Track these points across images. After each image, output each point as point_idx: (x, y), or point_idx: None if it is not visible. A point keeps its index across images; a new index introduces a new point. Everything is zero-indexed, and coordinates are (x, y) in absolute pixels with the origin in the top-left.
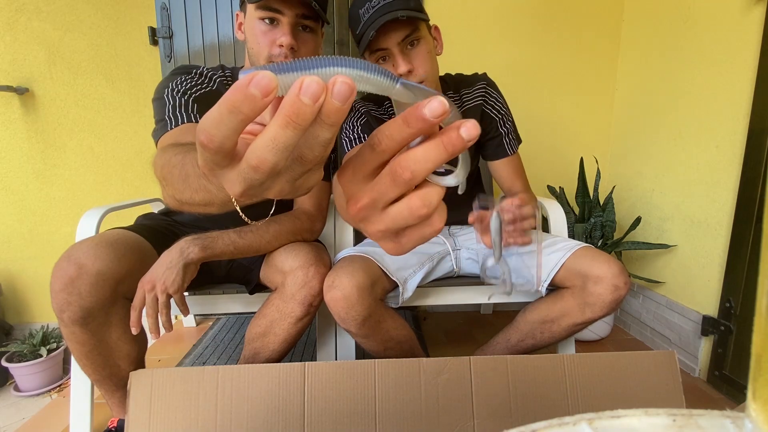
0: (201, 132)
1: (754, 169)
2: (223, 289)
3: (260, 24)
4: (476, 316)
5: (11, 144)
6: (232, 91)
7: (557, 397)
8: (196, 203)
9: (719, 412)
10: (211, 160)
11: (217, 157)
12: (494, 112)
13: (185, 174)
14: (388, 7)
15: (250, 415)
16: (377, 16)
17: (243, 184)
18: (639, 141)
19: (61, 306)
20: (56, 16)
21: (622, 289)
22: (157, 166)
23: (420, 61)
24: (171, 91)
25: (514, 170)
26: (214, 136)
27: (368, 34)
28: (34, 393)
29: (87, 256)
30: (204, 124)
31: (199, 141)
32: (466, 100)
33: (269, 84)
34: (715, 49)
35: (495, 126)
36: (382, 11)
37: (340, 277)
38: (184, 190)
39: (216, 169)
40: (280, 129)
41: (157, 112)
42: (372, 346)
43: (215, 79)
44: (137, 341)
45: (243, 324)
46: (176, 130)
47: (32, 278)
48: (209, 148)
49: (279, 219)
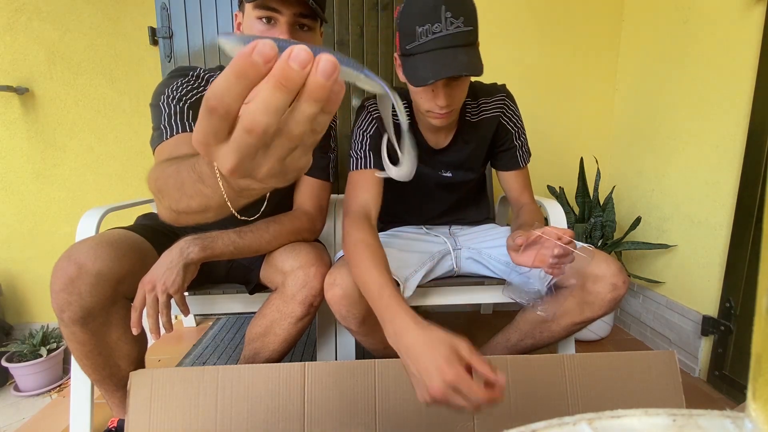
0: (211, 98)
1: (754, 169)
2: (223, 289)
3: (258, 23)
4: (476, 316)
5: (11, 144)
6: (238, 58)
7: (557, 397)
8: (193, 210)
9: (719, 412)
10: (215, 126)
11: (222, 123)
12: (511, 124)
13: (180, 182)
14: (450, 40)
15: (250, 415)
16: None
17: (236, 154)
18: (639, 141)
19: (62, 306)
20: (56, 16)
21: (621, 288)
22: (151, 180)
23: (459, 96)
24: (167, 98)
25: (523, 182)
26: (223, 99)
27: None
28: (34, 393)
29: (87, 256)
30: (214, 90)
31: (209, 106)
32: (484, 109)
33: (270, 52)
34: (715, 50)
35: (510, 138)
36: (443, 43)
37: (341, 275)
38: (180, 199)
39: (212, 143)
40: (271, 91)
41: (154, 119)
42: (372, 345)
43: (212, 81)
44: (137, 341)
45: (243, 324)
46: (172, 141)
47: (32, 278)
48: (218, 112)
49: (279, 219)
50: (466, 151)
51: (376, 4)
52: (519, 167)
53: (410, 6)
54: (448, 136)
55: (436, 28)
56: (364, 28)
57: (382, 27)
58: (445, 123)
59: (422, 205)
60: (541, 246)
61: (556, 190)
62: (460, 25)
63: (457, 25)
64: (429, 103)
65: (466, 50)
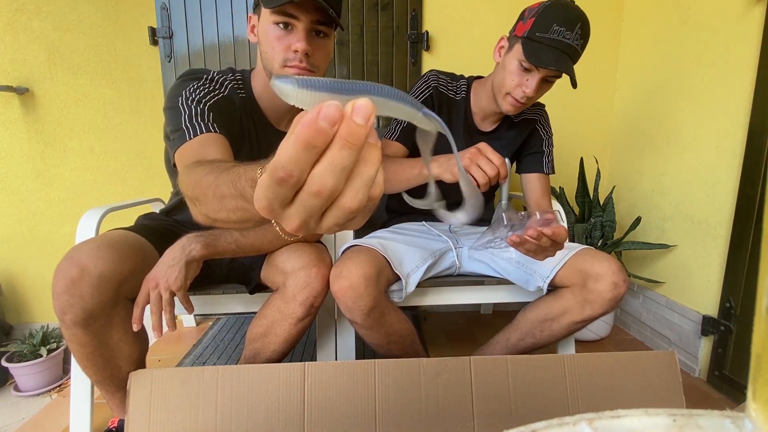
0: (279, 169)
1: (754, 169)
2: (223, 289)
3: (275, 28)
4: (476, 316)
5: (11, 144)
6: (303, 128)
7: (557, 397)
8: (233, 221)
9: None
10: (283, 195)
11: (291, 192)
12: (543, 132)
13: (220, 195)
14: (570, 49)
15: (250, 415)
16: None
17: (301, 215)
18: (639, 141)
19: (63, 308)
20: (56, 16)
21: (622, 286)
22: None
23: (540, 94)
24: (186, 99)
25: (543, 188)
26: (292, 171)
27: (546, 60)
28: (34, 393)
29: (89, 257)
30: (281, 161)
31: (278, 177)
32: (526, 113)
33: (335, 114)
34: (715, 50)
35: (541, 143)
36: (566, 48)
37: (348, 267)
38: (219, 210)
39: (278, 209)
40: (337, 151)
41: (172, 121)
42: (375, 339)
43: (226, 84)
44: (138, 342)
45: (243, 324)
46: (195, 142)
47: (32, 278)
48: (288, 183)
49: None
50: (502, 141)
51: (376, 4)
52: (543, 172)
53: (557, 7)
54: (493, 124)
55: (568, 36)
56: (364, 28)
57: (382, 27)
58: (514, 112)
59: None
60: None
61: (556, 190)
62: (580, 44)
63: (579, 43)
64: (515, 88)
65: (571, 63)
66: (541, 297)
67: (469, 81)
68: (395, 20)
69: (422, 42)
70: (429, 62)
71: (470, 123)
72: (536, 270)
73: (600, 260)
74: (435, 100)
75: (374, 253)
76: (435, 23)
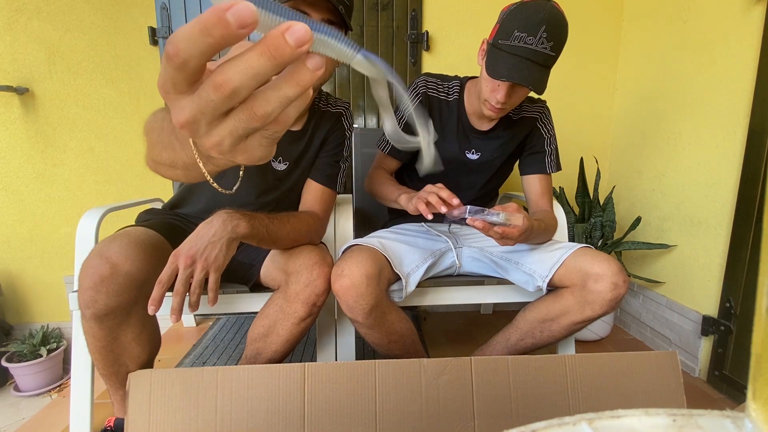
0: (169, 43)
1: (754, 169)
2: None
3: None
4: (476, 316)
5: (11, 144)
6: (208, 11)
7: (557, 397)
8: (163, 162)
9: (719, 412)
10: (171, 77)
11: (177, 75)
12: (545, 130)
13: (161, 127)
14: (533, 55)
15: (250, 415)
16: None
17: (193, 108)
18: (639, 141)
19: (87, 302)
20: (56, 16)
21: (622, 287)
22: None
23: (515, 101)
24: None
25: (544, 188)
26: (180, 50)
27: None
28: (34, 393)
29: (119, 256)
30: (175, 36)
31: (166, 52)
32: (525, 111)
33: (248, 17)
34: (715, 49)
35: (542, 143)
36: (527, 54)
37: (349, 265)
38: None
39: (171, 91)
40: (256, 55)
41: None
42: (376, 339)
43: None
44: (150, 344)
45: (243, 324)
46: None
47: (32, 278)
48: (173, 62)
49: (296, 214)
50: (499, 140)
51: (376, 4)
52: (545, 172)
53: (520, 11)
54: (490, 123)
55: (530, 41)
56: (364, 28)
57: (382, 27)
58: (495, 117)
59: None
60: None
61: (556, 190)
62: (547, 47)
63: (545, 47)
64: (490, 95)
65: (540, 69)
66: (541, 297)
67: (462, 81)
68: (395, 20)
69: (422, 42)
70: (429, 62)
71: (464, 123)
72: (536, 270)
73: (600, 261)
74: (426, 106)
75: (375, 252)
76: (435, 23)
